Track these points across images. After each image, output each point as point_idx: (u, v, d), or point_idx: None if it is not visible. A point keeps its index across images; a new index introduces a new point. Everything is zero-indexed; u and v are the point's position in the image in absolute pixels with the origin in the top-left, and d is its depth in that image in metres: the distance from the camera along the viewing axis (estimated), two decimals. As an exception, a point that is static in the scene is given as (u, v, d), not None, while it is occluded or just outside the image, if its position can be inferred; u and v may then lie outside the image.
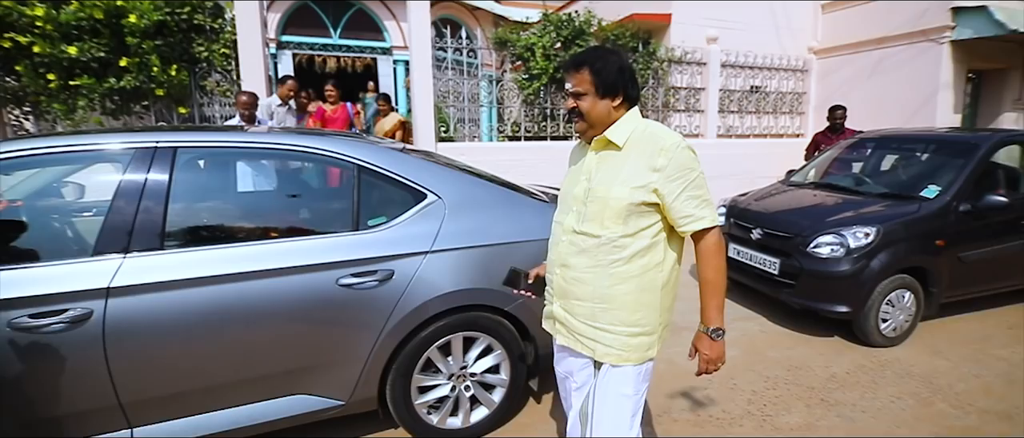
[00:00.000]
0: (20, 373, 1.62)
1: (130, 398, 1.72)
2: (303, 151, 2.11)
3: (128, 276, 1.69)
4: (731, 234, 4.07)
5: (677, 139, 1.36)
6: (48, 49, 4.21)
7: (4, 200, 2.31)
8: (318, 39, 9.79)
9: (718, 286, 1.41)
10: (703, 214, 1.36)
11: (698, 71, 7.20)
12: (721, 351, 1.44)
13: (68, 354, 1.63)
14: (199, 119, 5.11)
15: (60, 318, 1.61)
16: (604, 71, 1.36)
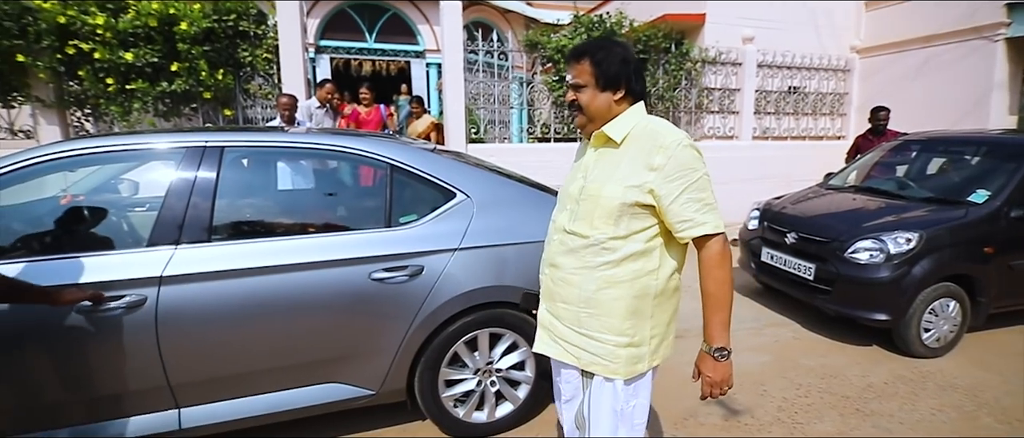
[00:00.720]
0: (83, 354, 1.75)
1: (178, 380, 1.85)
2: (339, 151, 2.20)
3: (179, 266, 1.82)
4: (764, 238, 3.98)
5: (678, 136, 1.26)
6: (107, 55, 4.51)
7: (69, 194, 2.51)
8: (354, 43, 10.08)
9: (722, 300, 1.27)
10: (704, 219, 1.23)
11: (733, 72, 7.06)
12: (726, 373, 1.29)
13: (124, 337, 1.76)
14: (243, 120, 5.36)
15: (118, 303, 1.74)
16: (606, 62, 1.27)
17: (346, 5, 10.22)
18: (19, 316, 1.67)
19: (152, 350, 1.79)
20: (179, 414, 1.89)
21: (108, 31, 4.49)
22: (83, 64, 4.57)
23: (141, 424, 1.85)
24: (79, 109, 4.93)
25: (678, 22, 6.93)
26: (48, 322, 1.70)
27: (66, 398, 1.78)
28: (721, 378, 1.28)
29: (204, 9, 4.83)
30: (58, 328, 1.71)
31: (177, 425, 1.88)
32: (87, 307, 1.72)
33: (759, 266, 3.96)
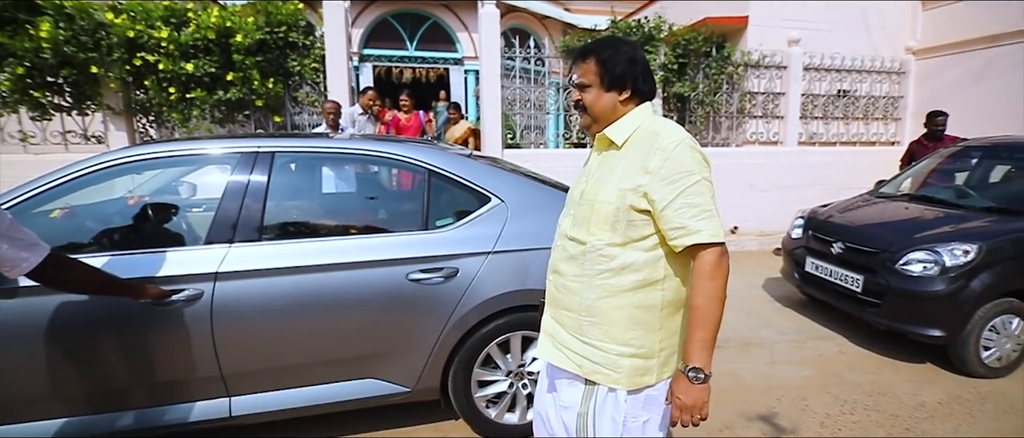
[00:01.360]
0: (147, 342, 1.90)
1: (229, 370, 1.97)
2: (380, 156, 2.30)
3: (233, 263, 1.94)
4: (809, 247, 3.85)
5: (677, 137, 1.18)
6: (170, 66, 4.84)
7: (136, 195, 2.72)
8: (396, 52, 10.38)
9: (707, 317, 1.15)
10: (699, 227, 1.14)
11: (777, 75, 6.84)
12: (700, 398, 1.16)
13: (183, 328, 1.89)
14: (291, 127, 5.62)
15: (178, 297, 1.87)
16: (611, 61, 1.23)
17: (388, 14, 10.55)
18: (99, 307, 1.82)
19: (207, 341, 1.92)
20: (230, 403, 2.01)
21: (171, 44, 4.81)
22: (149, 74, 4.92)
23: (196, 411, 1.98)
24: (144, 116, 5.30)
25: (719, 25, 6.79)
26: (121, 313, 1.84)
27: (132, 383, 1.93)
28: (693, 402, 1.17)
29: (257, 22, 5.12)
30: (129, 318, 1.86)
31: (228, 413, 2.00)
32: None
33: (803, 276, 3.83)
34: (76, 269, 1.52)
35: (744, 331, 3.66)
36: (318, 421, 2.38)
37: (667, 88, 6.42)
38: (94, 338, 1.87)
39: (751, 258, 5.83)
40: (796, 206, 4.92)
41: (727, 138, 6.88)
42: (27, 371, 1.82)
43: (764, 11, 6.94)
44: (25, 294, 1.77)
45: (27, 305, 1.79)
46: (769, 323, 3.82)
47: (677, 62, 6.29)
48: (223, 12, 5.04)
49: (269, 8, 5.22)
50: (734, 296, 4.46)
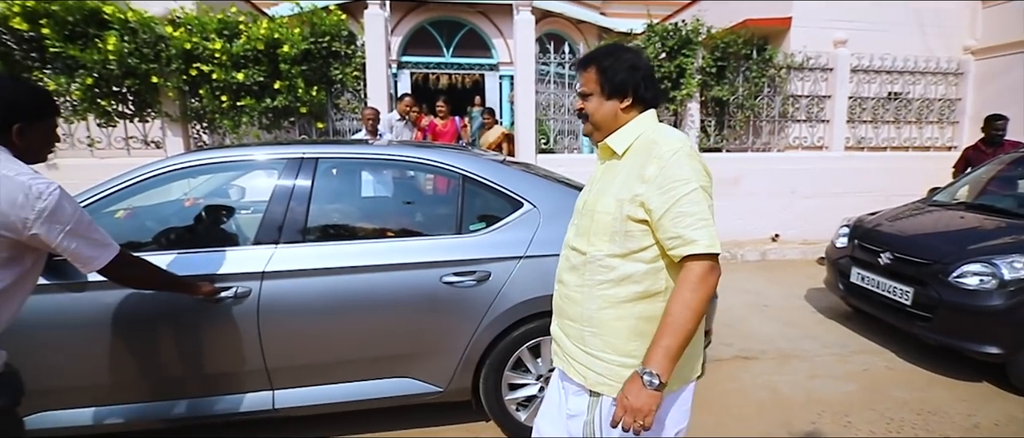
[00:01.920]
0: (200, 336, 2.03)
1: (274, 364, 2.08)
2: (416, 162, 2.38)
3: (278, 263, 2.05)
4: (854, 257, 3.70)
5: (675, 145, 1.16)
6: (223, 76, 5.12)
7: (191, 197, 2.90)
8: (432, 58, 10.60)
9: (678, 326, 1.10)
10: (694, 237, 1.11)
11: (822, 77, 6.60)
12: (647, 404, 1.10)
13: (233, 324, 2.01)
14: (332, 133, 5.84)
15: (227, 294, 1.99)
16: (611, 69, 1.22)
17: (426, 22, 10.79)
18: (158, 301, 1.95)
19: (254, 336, 2.03)
20: (273, 396, 2.12)
21: (224, 55, 5.10)
22: (203, 84, 5.22)
23: (243, 402, 2.10)
24: (198, 122, 5.62)
25: (760, 27, 6.62)
26: (178, 307, 1.97)
27: (186, 373, 2.06)
28: (640, 406, 1.10)
29: (303, 32, 5.35)
30: (185, 313, 1.99)
31: (271, 405, 2.11)
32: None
33: (848, 287, 3.68)
34: (140, 268, 1.64)
35: (783, 342, 3.55)
36: (354, 418, 2.47)
37: (705, 92, 6.30)
38: (153, 330, 2.01)
39: (792, 267, 5.64)
40: (841, 214, 4.74)
41: (768, 143, 6.68)
42: (94, 359, 1.97)
43: (808, 12, 6.72)
44: (94, 288, 1.92)
45: (95, 298, 1.94)
46: (810, 335, 3.69)
47: (715, 65, 6.17)
48: (272, 24, 5.30)
49: (314, 19, 5.45)
50: (773, 306, 4.34)
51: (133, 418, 2.04)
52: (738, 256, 5.97)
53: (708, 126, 6.46)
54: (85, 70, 4.92)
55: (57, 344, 1.94)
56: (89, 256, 1.38)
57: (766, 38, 6.64)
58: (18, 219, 1.21)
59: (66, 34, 4.89)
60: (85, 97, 5.05)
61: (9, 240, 1.23)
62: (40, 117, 1.34)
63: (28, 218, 1.22)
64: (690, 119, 6.28)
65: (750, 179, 6.33)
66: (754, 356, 3.34)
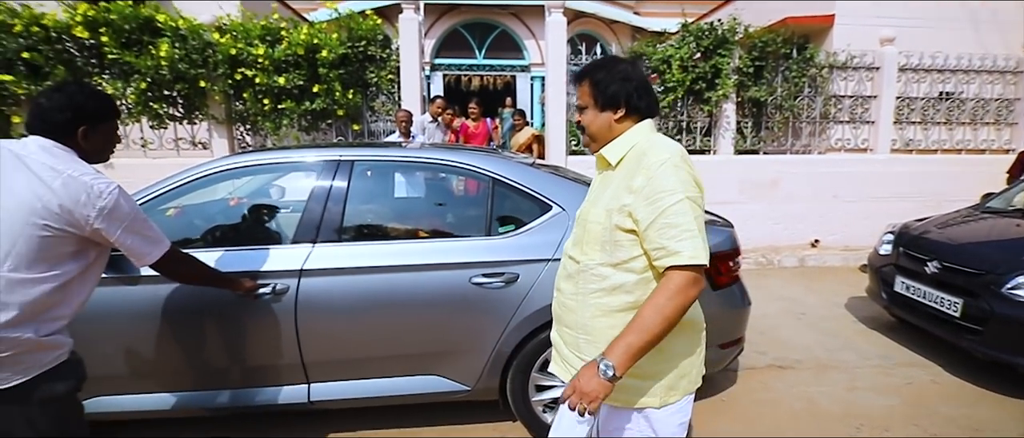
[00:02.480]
0: (241, 330, 2.13)
1: (310, 359, 2.16)
2: (447, 164, 2.43)
3: (316, 261, 2.14)
4: (899, 265, 3.54)
5: (664, 156, 1.16)
6: (265, 80, 5.33)
7: (236, 197, 3.04)
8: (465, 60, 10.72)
9: (645, 328, 1.10)
10: (679, 248, 1.10)
11: (868, 77, 6.34)
12: (595, 391, 1.11)
13: (272, 319, 2.10)
14: (367, 134, 5.99)
15: (266, 290, 2.07)
16: (604, 82, 1.25)
17: (458, 25, 10.92)
18: (203, 296, 2.04)
19: (292, 331, 2.12)
20: (309, 388, 2.20)
21: (267, 60, 5.31)
22: (247, 88, 5.45)
23: (281, 394, 2.19)
24: (242, 124, 5.87)
25: (801, 25, 6.41)
26: (221, 302, 2.06)
27: (228, 365, 2.17)
28: (588, 391, 1.11)
29: (341, 37, 5.51)
30: (227, 307, 2.08)
31: (307, 398, 2.20)
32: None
33: (891, 297, 3.53)
34: (188, 264, 1.73)
35: (821, 352, 3.44)
36: (383, 413, 2.54)
37: (741, 92, 6.15)
38: (198, 323, 2.12)
39: (833, 274, 5.44)
40: (886, 219, 4.54)
41: (808, 144, 6.46)
42: (144, 348, 2.10)
43: (853, 9, 6.46)
44: (146, 282, 2.04)
45: (147, 291, 2.07)
46: (851, 345, 3.55)
47: (753, 65, 6.01)
48: (311, 30, 5.49)
49: (351, 24, 5.61)
50: (811, 314, 4.20)
51: (179, 406, 2.16)
52: (775, 261, 5.80)
53: (744, 127, 6.30)
54: (139, 75, 5.22)
55: (112, 333, 2.07)
56: (143, 251, 1.48)
57: (807, 37, 6.43)
58: (81, 216, 1.31)
59: (123, 41, 5.20)
60: (139, 101, 5.35)
61: (74, 235, 1.33)
62: (103, 120, 1.44)
63: (90, 215, 1.32)
64: (726, 120, 6.14)
65: (789, 182, 6.13)
66: (789, 365, 3.25)
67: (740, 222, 3.23)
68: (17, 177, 1.29)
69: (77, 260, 1.37)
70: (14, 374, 1.27)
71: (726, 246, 2.40)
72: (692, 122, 6.23)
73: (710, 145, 6.29)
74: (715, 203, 5.02)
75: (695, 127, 6.24)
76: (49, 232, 1.28)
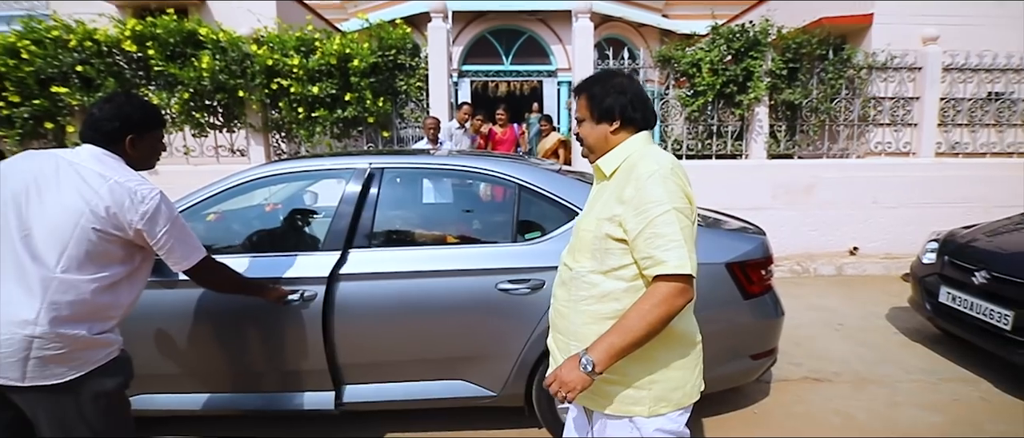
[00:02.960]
0: (274, 334, 2.19)
1: (341, 361, 2.21)
2: (474, 171, 2.45)
3: (347, 266, 2.19)
4: (944, 275, 3.38)
5: (653, 167, 1.19)
6: (300, 89, 5.51)
7: (271, 203, 3.15)
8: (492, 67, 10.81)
9: (629, 331, 1.15)
10: (665, 257, 1.13)
11: (909, 78, 6.09)
12: (575, 383, 1.18)
13: (304, 323, 2.16)
14: (397, 141, 6.11)
15: (294, 298, 2.10)
16: (599, 95, 1.29)
17: (486, 32, 11.03)
18: (237, 300, 2.10)
19: (324, 335, 2.16)
20: (340, 391, 2.26)
21: (301, 69, 5.48)
22: (282, 97, 5.64)
23: (313, 398, 2.24)
24: (278, 132, 6.07)
25: (837, 25, 6.22)
26: (255, 306, 2.11)
27: (262, 369, 2.24)
28: (568, 380, 1.19)
29: (371, 46, 5.65)
30: (261, 311, 2.14)
31: (336, 401, 2.24)
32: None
33: (936, 308, 3.37)
34: (221, 272, 1.76)
35: (859, 365, 3.31)
36: (409, 417, 2.58)
37: (774, 95, 6.00)
38: (232, 326, 2.19)
39: (873, 283, 5.23)
40: (930, 226, 4.34)
41: (846, 148, 6.25)
42: (180, 350, 2.18)
43: (892, 8, 6.24)
44: (182, 286, 2.11)
45: (182, 295, 2.14)
46: (892, 358, 3.41)
47: (786, 67, 5.86)
48: (344, 40, 5.64)
49: (381, 33, 5.75)
50: (849, 325, 4.04)
51: (211, 406, 2.23)
52: (810, 270, 5.62)
53: (778, 131, 6.14)
54: (183, 86, 5.47)
55: (153, 334, 2.16)
56: (180, 256, 1.53)
57: (843, 37, 6.24)
58: (125, 219, 1.39)
59: (168, 54, 5.47)
60: (182, 110, 5.60)
61: (120, 238, 1.41)
62: (149, 128, 1.53)
63: (133, 219, 1.39)
64: (759, 124, 6.00)
65: (825, 187, 5.94)
66: (826, 378, 3.14)
67: (773, 229, 3.15)
68: (69, 183, 1.37)
69: (124, 263, 1.45)
70: (69, 370, 1.36)
71: (758, 254, 2.34)
72: (723, 126, 6.11)
73: (742, 149, 6.15)
74: (747, 209, 4.93)
75: (726, 131, 6.12)
76: (97, 235, 1.36)
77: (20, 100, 5.48)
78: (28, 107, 5.51)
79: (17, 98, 5.46)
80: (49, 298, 1.32)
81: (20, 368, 1.31)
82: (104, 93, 5.34)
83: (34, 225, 1.34)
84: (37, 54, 5.38)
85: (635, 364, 1.24)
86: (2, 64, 5.37)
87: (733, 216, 2.97)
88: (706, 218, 2.76)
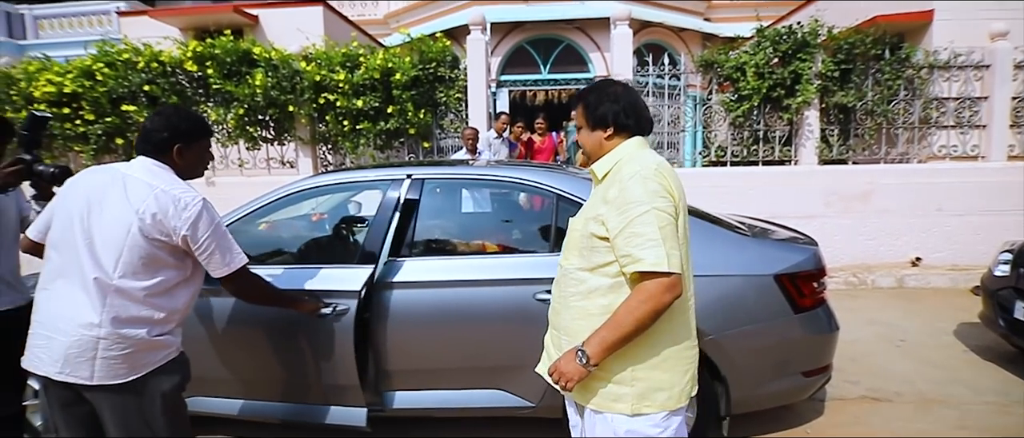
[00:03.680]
0: (312, 341, 2.21)
1: (382, 367, 2.26)
2: (512, 181, 2.47)
3: (387, 274, 2.24)
4: (1019, 288, 3.12)
5: (636, 168, 1.25)
6: (345, 103, 5.73)
7: (318, 212, 3.28)
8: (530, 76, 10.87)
9: (618, 325, 1.21)
10: (642, 256, 1.18)
11: (976, 76, 5.69)
12: (572, 373, 1.27)
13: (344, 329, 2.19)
14: (436, 151, 6.23)
15: (326, 311, 2.09)
16: (594, 103, 1.36)
17: (524, 41, 11.12)
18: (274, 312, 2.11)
19: (364, 342, 2.22)
20: (382, 397, 2.30)
21: (346, 84, 5.70)
22: (329, 111, 5.88)
23: (344, 413, 2.22)
24: (324, 144, 6.32)
25: (893, 24, 5.90)
26: (292, 318, 2.14)
27: (297, 380, 2.26)
28: (567, 371, 1.28)
29: (413, 60, 5.81)
30: (299, 319, 2.14)
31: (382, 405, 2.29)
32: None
33: (1010, 324, 3.11)
34: (257, 283, 1.76)
35: (923, 385, 3.08)
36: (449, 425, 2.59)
37: (825, 98, 5.74)
38: (276, 333, 2.23)
39: (938, 296, 4.88)
40: (1002, 236, 4.03)
41: (906, 153, 5.89)
42: (231, 355, 2.26)
43: (954, 4, 5.84)
44: (225, 294, 2.13)
45: (225, 301, 2.20)
46: (960, 378, 3.16)
47: (838, 68, 5.60)
48: (387, 54, 5.83)
49: (422, 47, 5.90)
50: (912, 341, 3.78)
51: (249, 413, 2.30)
52: (867, 281, 5.31)
53: (830, 135, 5.86)
54: (238, 102, 5.79)
55: (200, 339, 2.24)
56: (220, 261, 1.57)
57: (900, 35, 5.91)
58: (170, 226, 1.46)
59: (224, 73, 5.81)
60: (238, 125, 5.93)
61: (168, 245, 1.48)
62: (195, 138, 1.61)
63: (177, 225, 1.47)
64: (808, 128, 5.75)
65: (883, 194, 5.61)
66: (886, 398, 2.94)
67: (826, 238, 3.01)
68: (122, 194, 1.47)
69: (177, 269, 1.52)
70: (130, 370, 1.45)
71: (809, 265, 2.24)
72: (770, 131, 5.90)
73: (790, 155, 5.91)
74: (797, 218, 4.73)
75: (773, 136, 5.90)
76: (147, 242, 1.45)
77: (94, 118, 5.96)
78: (101, 124, 5.98)
79: (92, 116, 5.94)
80: (109, 302, 1.42)
81: (89, 367, 1.41)
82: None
83: (95, 235, 1.45)
84: (110, 75, 5.84)
85: (618, 360, 1.28)
86: (79, 85, 5.85)
87: (782, 225, 2.85)
88: (752, 227, 2.67)
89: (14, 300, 1.96)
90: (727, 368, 2.15)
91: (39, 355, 1.46)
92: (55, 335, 1.43)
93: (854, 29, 5.74)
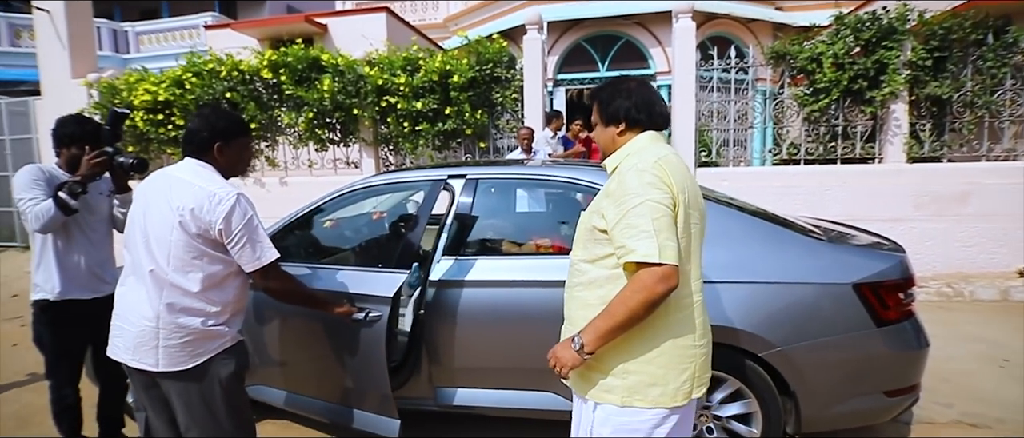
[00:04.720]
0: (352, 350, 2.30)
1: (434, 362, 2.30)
2: (564, 181, 2.44)
3: (440, 273, 2.28)
4: None
5: (634, 161, 1.28)
6: (406, 105, 5.90)
7: (378, 210, 3.39)
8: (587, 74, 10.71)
9: (612, 314, 1.23)
10: (634, 247, 1.20)
11: (1106, 60, 4.96)
12: (568, 361, 1.30)
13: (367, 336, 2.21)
14: (492, 151, 6.28)
15: (359, 316, 2.05)
16: (606, 101, 1.39)
17: (581, 39, 10.97)
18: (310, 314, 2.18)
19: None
20: (435, 392, 2.34)
21: (407, 87, 5.87)
22: (390, 113, 6.08)
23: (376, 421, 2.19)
24: (386, 145, 6.55)
25: (996, 6, 5.26)
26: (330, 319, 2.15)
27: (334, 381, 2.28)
28: (562, 357, 1.31)
29: (470, 62, 5.89)
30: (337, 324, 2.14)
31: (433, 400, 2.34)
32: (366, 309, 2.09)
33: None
34: (287, 281, 1.76)
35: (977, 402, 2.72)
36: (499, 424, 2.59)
37: (916, 90, 5.22)
38: (320, 333, 2.24)
39: (1053, 311, 4.30)
40: None
41: (1013, 149, 5.25)
42: (283, 349, 2.36)
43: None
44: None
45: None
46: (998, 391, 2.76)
47: (930, 56, 5.07)
48: (445, 57, 5.95)
49: (479, 49, 5.96)
50: (1017, 362, 3.35)
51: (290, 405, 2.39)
52: (965, 293, 4.77)
53: (921, 131, 5.32)
54: (308, 106, 6.12)
55: (266, 330, 2.38)
56: (251, 255, 1.60)
57: (1006, 18, 5.25)
58: (207, 220, 1.54)
59: (296, 79, 6.16)
60: (308, 128, 6.27)
61: (210, 239, 1.56)
62: (235, 137, 1.68)
63: (213, 219, 1.54)
64: (895, 123, 5.26)
65: (984, 196, 5.02)
66: (985, 425, 2.62)
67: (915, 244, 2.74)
68: (167, 194, 1.58)
69: (224, 263, 1.60)
70: (189, 358, 1.57)
71: (895, 274, 2.03)
72: (850, 126, 5.44)
73: (873, 152, 5.43)
74: (882, 222, 4.35)
75: (854, 132, 5.44)
76: (190, 237, 1.54)
77: (184, 123, 6.51)
78: (190, 129, 6.51)
79: (182, 121, 6.49)
80: (165, 295, 1.54)
81: (153, 355, 1.55)
82: (246, 115, 6.16)
83: (150, 233, 1.58)
84: (197, 84, 6.36)
85: (613, 352, 1.30)
86: (171, 93, 6.42)
87: (864, 230, 2.62)
88: (829, 231, 2.47)
89: (101, 290, 2.18)
90: (797, 383, 2.00)
91: (116, 344, 1.62)
92: (126, 325, 1.58)
93: (950, 12, 5.17)
